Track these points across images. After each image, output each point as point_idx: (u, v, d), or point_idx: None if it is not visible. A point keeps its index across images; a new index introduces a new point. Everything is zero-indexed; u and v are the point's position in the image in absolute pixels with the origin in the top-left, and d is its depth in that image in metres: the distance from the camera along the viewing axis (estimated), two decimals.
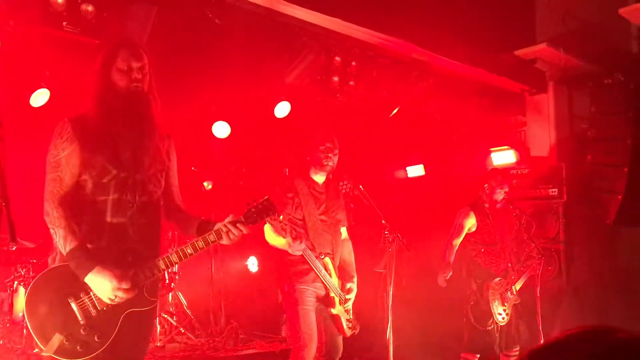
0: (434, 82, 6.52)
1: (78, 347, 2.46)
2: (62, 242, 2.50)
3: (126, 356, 2.70)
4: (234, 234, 2.69)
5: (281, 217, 3.86)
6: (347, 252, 4.42)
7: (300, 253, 3.93)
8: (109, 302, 2.51)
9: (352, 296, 4.21)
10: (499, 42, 7.08)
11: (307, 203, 4.15)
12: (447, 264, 5.14)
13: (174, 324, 6.36)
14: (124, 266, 2.56)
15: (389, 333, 4.08)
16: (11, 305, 5.51)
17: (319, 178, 4.29)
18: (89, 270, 2.47)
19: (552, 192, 6.86)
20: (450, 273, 5.09)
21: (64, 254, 2.51)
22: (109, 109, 2.69)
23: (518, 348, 5.15)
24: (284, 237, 3.85)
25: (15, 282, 5.56)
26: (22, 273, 5.57)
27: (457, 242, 5.23)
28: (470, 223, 5.20)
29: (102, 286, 2.48)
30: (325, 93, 5.85)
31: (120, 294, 2.49)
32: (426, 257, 7.43)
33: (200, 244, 2.67)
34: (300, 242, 3.88)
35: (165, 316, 6.37)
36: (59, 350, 2.45)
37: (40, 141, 2.75)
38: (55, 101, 5.21)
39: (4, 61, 4.64)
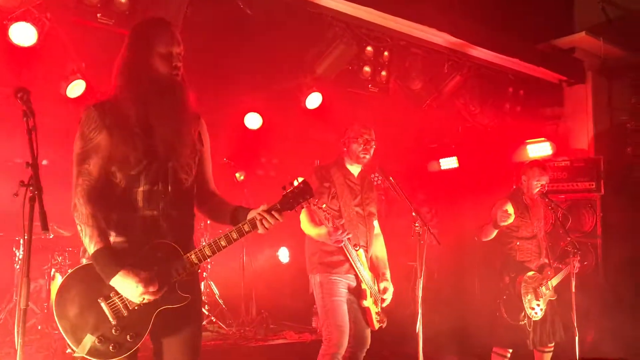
0: (468, 72, 6.41)
1: (110, 348, 2.41)
2: (88, 241, 2.41)
3: (174, 352, 2.62)
4: (270, 222, 2.57)
5: (324, 205, 3.86)
6: (380, 248, 4.39)
7: (340, 244, 3.92)
8: (138, 303, 2.44)
9: (388, 295, 4.20)
10: (536, 31, 6.92)
11: (343, 193, 4.13)
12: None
13: (206, 313, 6.44)
14: (153, 263, 2.48)
15: (419, 326, 4.04)
16: (49, 292, 5.66)
17: (354, 169, 4.28)
18: (113, 274, 2.38)
19: (590, 185, 6.70)
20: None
21: (89, 253, 2.43)
22: (145, 95, 2.55)
23: (553, 344, 5.06)
24: (325, 226, 3.84)
25: (53, 270, 5.71)
26: (59, 260, 5.72)
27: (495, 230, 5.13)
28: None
29: (128, 290, 2.40)
30: (357, 84, 5.80)
31: (147, 296, 2.42)
32: (459, 251, 7.35)
33: (235, 235, 2.57)
34: (342, 233, 3.87)
35: None
36: (92, 351, 2.39)
37: (76, 131, 2.60)
38: (91, 92, 5.30)
39: (41, 53, 4.73)
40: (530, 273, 5.03)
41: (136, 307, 2.46)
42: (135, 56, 2.59)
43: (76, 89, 5.24)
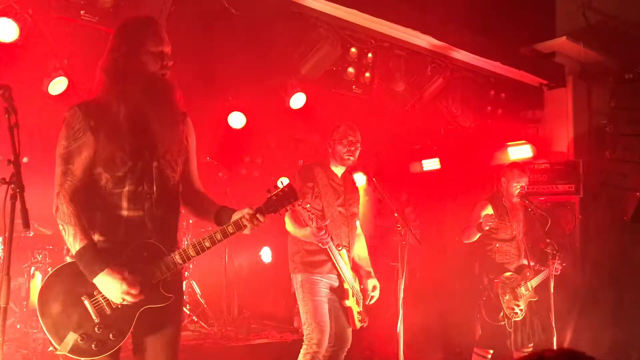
0: (451, 75, 6.47)
1: (93, 346, 2.41)
2: (72, 240, 2.40)
3: (155, 351, 2.63)
4: (254, 224, 2.60)
5: (308, 205, 3.88)
6: (362, 248, 4.43)
7: (325, 245, 3.94)
8: (118, 303, 2.45)
9: (377, 293, 4.24)
10: (517, 35, 7.00)
11: (326, 194, 4.16)
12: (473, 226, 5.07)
13: (187, 312, 6.41)
14: (137, 263, 2.48)
15: (400, 326, 4.08)
16: (28, 290, 5.60)
17: (338, 170, 4.31)
18: (97, 272, 2.38)
19: (569, 188, 6.79)
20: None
21: (72, 252, 2.42)
22: (133, 94, 2.54)
23: (532, 345, 5.12)
24: (310, 226, 3.85)
25: (33, 268, 5.65)
26: (39, 259, 5.66)
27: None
28: None
29: (111, 289, 2.39)
30: (341, 84, 5.82)
31: (128, 298, 2.41)
32: (440, 251, 7.41)
33: (219, 236, 2.58)
34: (325, 233, 3.89)
35: None
36: (74, 349, 2.39)
37: (58, 128, 2.59)
38: (73, 89, 5.26)
39: (22, 49, 4.68)
40: (508, 274, 5.09)
41: (119, 306, 2.46)
42: (125, 54, 2.57)
43: (58, 86, 5.20)
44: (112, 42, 2.63)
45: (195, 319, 6.46)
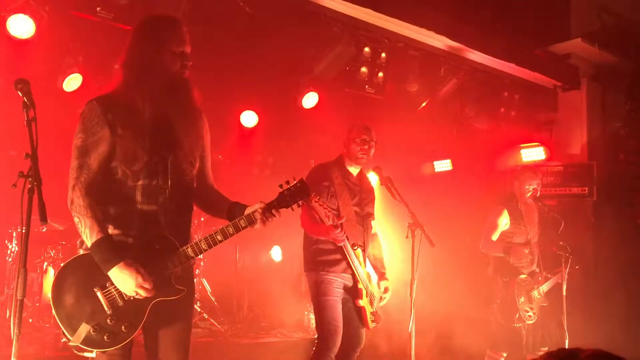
0: (465, 76, 6.44)
1: (105, 337, 2.42)
2: (88, 233, 2.42)
3: (166, 345, 2.65)
4: (266, 219, 2.60)
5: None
6: (378, 248, 4.41)
7: (340, 243, 3.93)
8: (130, 296, 2.46)
9: (388, 295, 4.23)
10: (532, 36, 6.96)
11: (342, 193, 4.14)
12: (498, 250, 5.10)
13: (198, 309, 6.44)
14: (150, 256, 2.50)
15: (412, 326, 4.06)
16: (41, 285, 5.65)
17: (354, 169, 4.30)
18: (112, 264, 2.40)
19: (583, 190, 6.73)
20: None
21: (88, 245, 2.43)
22: (153, 91, 2.58)
23: (547, 349, 5.07)
24: (326, 224, 3.84)
25: (45, 263, 5.70)
26: (52, 254, 5.71)
27: (495, 238, 5.17)
28: (504, 222, 5.14)
29: (125, 283, 2.41)
30: (354, 84, 5.81)
31: (141, 292, 2.43)
32: (452, 252, 7.38)
33: (231, 230, 2.58)
34: (342, 231, 3.88)
35: None
36: (86, 340, 2.41)
37: (72, 125, 2.62)
38: (87, 86, 5.29)
39: (38, 46, 4.72)
40: (523, 276, 5.07)
41: (132, 298, 2.47)
42: (147, 52, 2.60)
43: (73, 82, 5.24)
44: (134, 39, 2.66)
45: (206, 316, 6.48)
